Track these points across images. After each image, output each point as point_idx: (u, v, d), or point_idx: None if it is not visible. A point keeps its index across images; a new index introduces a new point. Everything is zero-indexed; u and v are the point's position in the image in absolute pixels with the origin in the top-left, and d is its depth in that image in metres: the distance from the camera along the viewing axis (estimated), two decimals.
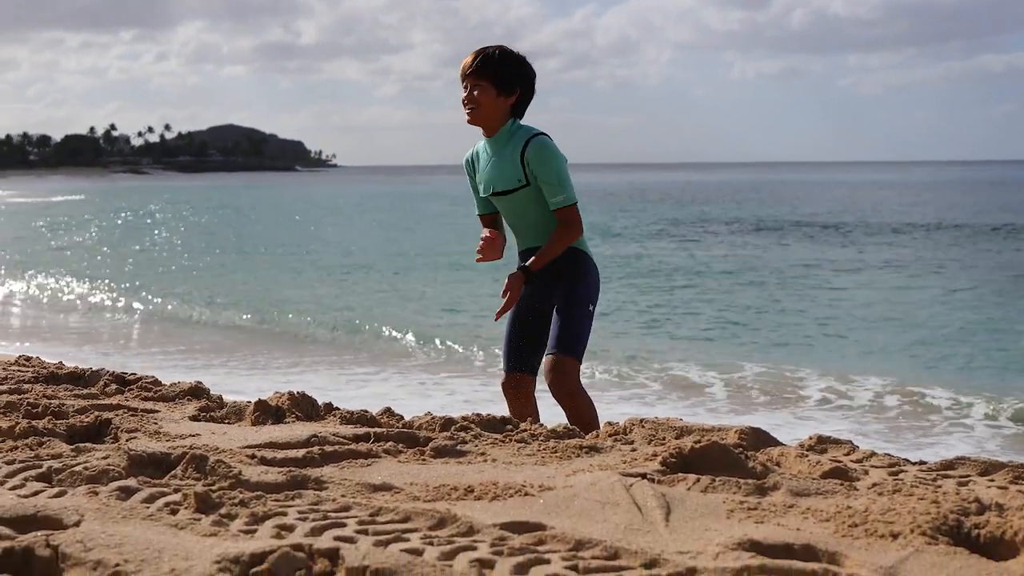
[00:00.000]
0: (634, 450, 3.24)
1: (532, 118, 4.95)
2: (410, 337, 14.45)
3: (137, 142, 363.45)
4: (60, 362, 5.16)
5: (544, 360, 4.77)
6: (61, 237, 40.85)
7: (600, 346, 12.07)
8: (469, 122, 4.87)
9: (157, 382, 4.35)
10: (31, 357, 5.26)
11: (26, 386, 4.25)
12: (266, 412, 3.68)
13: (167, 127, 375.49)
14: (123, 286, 21.94)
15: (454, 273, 24.55)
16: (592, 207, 53.22)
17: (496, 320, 4.86)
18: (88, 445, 3.22)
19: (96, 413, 3.61)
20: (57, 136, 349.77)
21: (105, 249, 34.64)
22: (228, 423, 3.71)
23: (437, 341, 14.01)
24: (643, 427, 3.53)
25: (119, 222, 52.97)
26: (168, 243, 37.23)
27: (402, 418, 3.85)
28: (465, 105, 4.83)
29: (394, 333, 14.82)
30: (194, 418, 3.74)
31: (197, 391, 4.15)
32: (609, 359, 12.28)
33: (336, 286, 22.37)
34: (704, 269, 25.00)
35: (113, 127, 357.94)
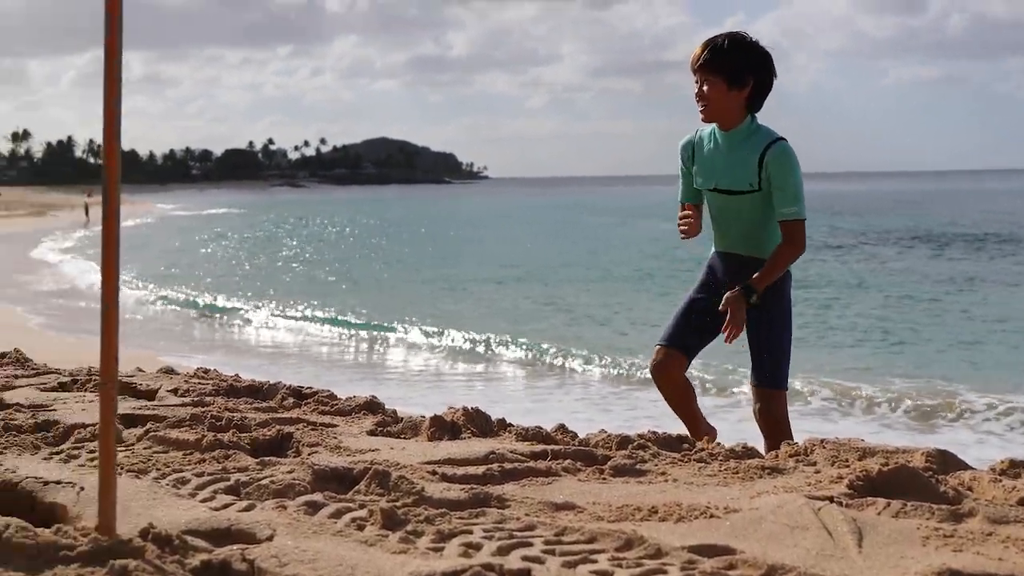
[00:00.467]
0: (818, 472, 3.17)
1: (680, 122, 4.73)
2: (582, 351, 14.34)
3: (294, 156, 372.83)
4: (236, 375, 5.28)
5: (752, 390, 4.67)
6: (224, 249, 41.95)
7: None
8: (703, 119, 4.69)
9: (333, 396, 4.42)
10: (208, 369, 5.39)
11: (208, 399, 4.35)
12: (442, 428, 3.71)
13: (322, 141, 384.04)
14: (289, 300, 22.36)
15: (613, 284, 24.52)
16: None
17: (728, 343, 4.67)
18: (272, 459, 3.28)
19: (278, 427, 3.68)
20: (218, 151, 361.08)
21: (268, 262, 35.42)
22: (404, 438, 3.75)
23: (607, 355, 13.91)
24: (824, 448, 3.45)
25: (280, 234, 54.18)
26: (329, 256, 37.91)
27: (576, 435, 3.83)
28: (697, 101, 4.63)
29: (568, 348, 14.68)
30: (371, 432, 3.78)
31: (372, 405, 4.20)
32: None
33: (497, 298, 22.47)
34: (861, 281, 24.49)
35: (271, 141, 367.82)
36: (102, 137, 2.18)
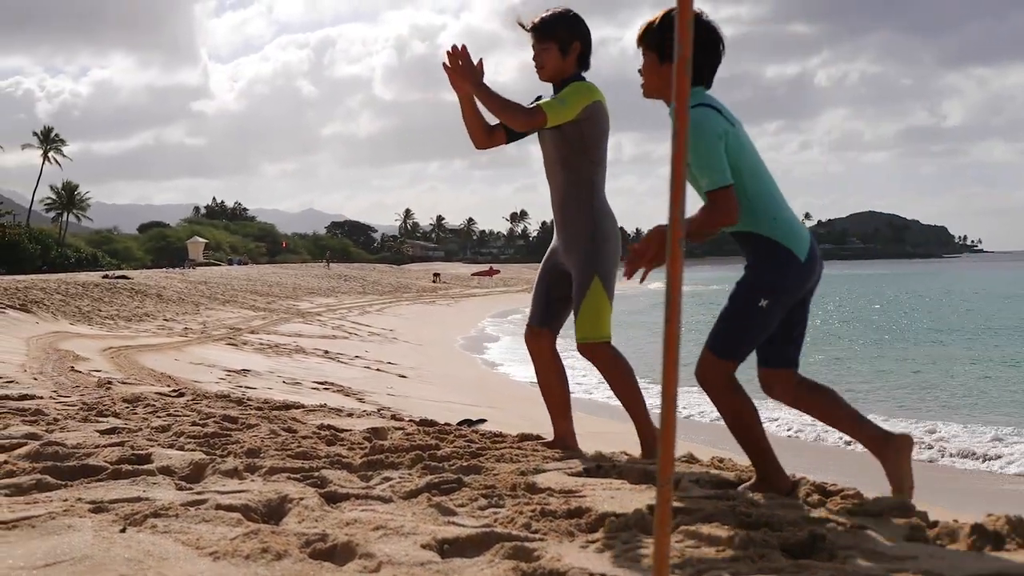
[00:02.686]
0: None
1: None
2: None
3: None
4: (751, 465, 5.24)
5: None
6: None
7: None
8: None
9: (859, 495, 4.26)
10: (723, 459, 5.40)
11: (731, 491, 4.35)
12: (983, 537, 3.48)
13: (807, 215, 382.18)
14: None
15: None
16: None
17: (627, 278, 4.59)
18: (808, 562, 3.20)
19: (809, 527, 3.60)
20: None
21: None
22: (940, 544, 3.55)
23: None
24: None
25: None
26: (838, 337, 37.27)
27: None
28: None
29: None
30: (908, 538, 3.62)
31: (903, 507, 4.01)
32: None
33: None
34: None
35: None
36: (667, 251, 2.22)
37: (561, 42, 5.69)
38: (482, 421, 9.75)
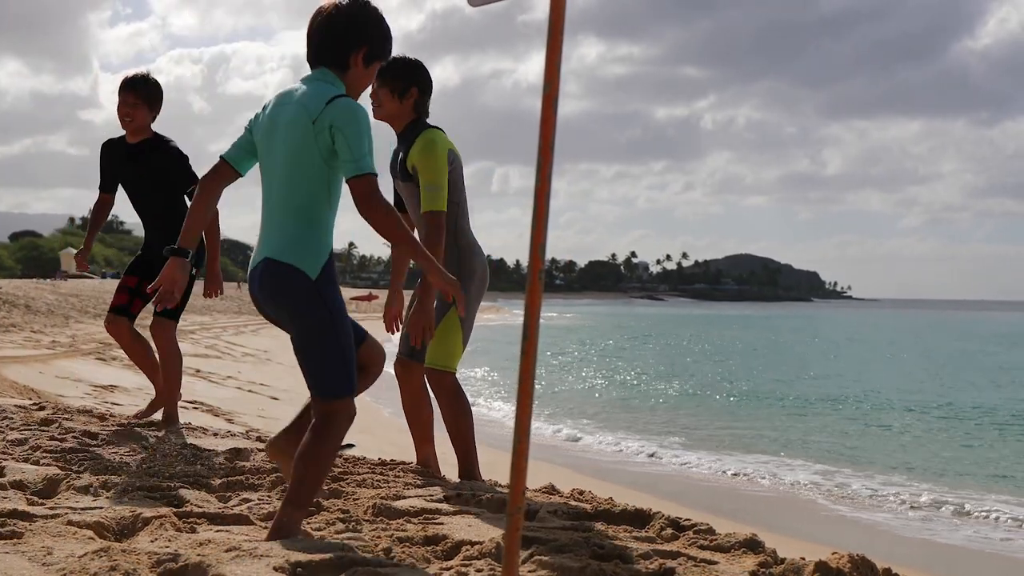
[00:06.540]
0: None
1: None
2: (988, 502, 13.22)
3: (655, 269, 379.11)
4: (610, 498, 5.31)
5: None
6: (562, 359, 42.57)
7: None
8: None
9: (712, 530, 4.36)
10: (584, 491, 5.46)
11: (587, 523, 4.40)
12: (827, 573, 3.59)
13: (684, 255, 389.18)
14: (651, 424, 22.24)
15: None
16: None
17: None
18: None
19: (659, 560, 3.66)
20: (582, 262, 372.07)
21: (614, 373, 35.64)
22: None
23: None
24: None
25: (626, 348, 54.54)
26: (657, 373, 37.73)
27: None
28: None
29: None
30: (752, 573, 3.70)
31: (753, 544, 4.10)
32: None
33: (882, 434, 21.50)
34: None
35: (634, 254, 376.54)
36: (527, 283, 2.27)
37: (396, 84, 5.70)
38: (350, 446, 9.68)
